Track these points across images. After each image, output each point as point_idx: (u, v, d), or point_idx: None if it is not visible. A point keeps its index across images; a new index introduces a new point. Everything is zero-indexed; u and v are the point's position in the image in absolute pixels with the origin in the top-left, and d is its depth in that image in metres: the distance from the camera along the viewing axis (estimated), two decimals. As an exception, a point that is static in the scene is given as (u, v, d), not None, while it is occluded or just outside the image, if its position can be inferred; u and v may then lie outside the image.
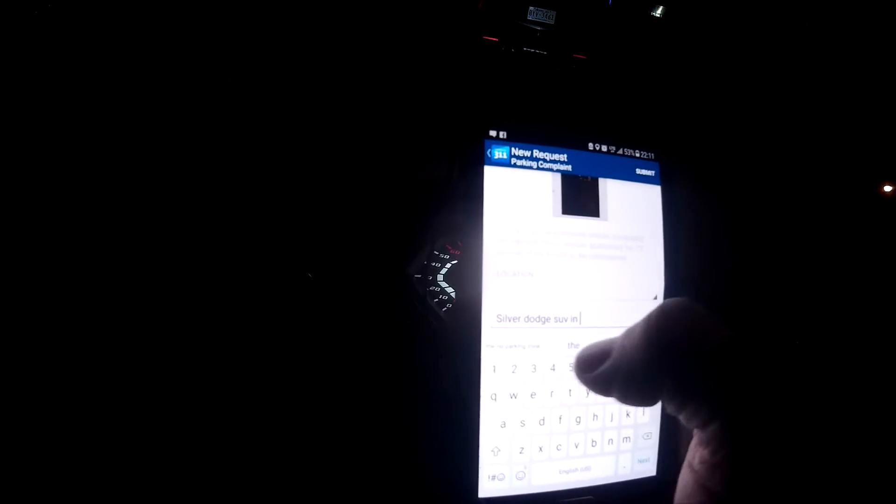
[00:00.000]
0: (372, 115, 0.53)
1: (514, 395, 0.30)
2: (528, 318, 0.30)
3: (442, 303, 0.54)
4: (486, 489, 0.30)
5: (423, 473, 0.33)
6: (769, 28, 0.73)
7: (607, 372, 0.24)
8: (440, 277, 0.56)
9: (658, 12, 0.74)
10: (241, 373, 0.46)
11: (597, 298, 0.31)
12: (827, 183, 0.68)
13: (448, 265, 0.55)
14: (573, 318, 0.31)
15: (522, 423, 0.30)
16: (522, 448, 0.30)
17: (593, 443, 0.32)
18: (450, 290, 0.55)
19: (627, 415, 0.32)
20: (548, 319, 0.31)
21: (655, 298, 0.32)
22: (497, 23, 0.64)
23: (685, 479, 0.24)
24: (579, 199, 0.32)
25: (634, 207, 0.33)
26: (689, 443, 0.28)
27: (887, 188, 0.73)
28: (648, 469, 0.33)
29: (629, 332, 0.24)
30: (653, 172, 0.33)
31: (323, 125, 0.52)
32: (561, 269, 0.31)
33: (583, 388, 0.31)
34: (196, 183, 0.48)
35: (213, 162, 0.48)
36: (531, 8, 0.65)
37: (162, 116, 0.48)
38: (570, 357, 0.31)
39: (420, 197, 0.52)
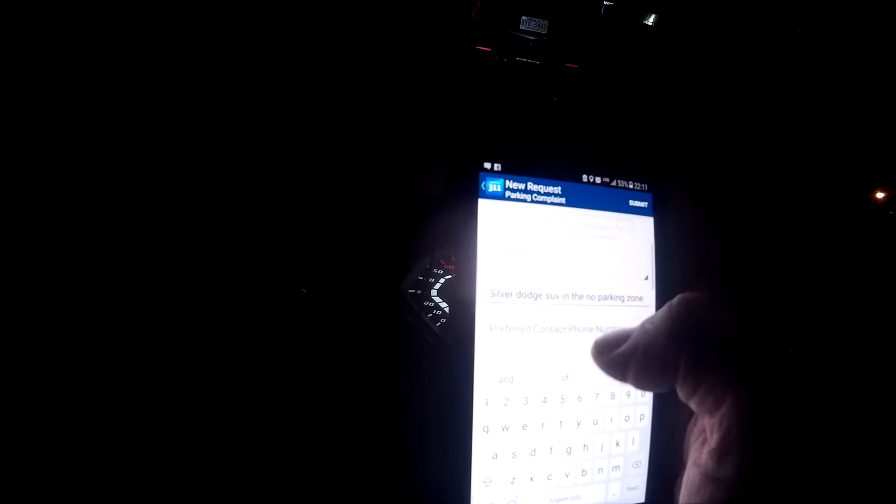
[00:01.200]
0: (366, 129, 0.53)
1: (505, 428, 0.30)
2: (520, 349, 0.30)
3: (436, 318, 0.54)
4: (477, 520, 0.30)
5: (416, 502, 0.33)
6: (761, 36, 0.73)
7: (626, 353, 0.26)
8: (434, 292, 0.56)
9: (650, 21, 0.74)
10: (235, 387, 0.46)
11: (589, 330, 0.32)
12: (819, 190, 0.69)
13: (442, 280, 0.56)
14: (565, 349, 0.31)
15: (514, 455, 0.30)
16: (514, 478, 0.31)
17: (583, 472, 0.32)
18: (444, 305, 0.55)
19: (617, 444, 0.33)
20: (541, 352, 0.31)
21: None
22: (490, 32, 0.64)
23: (691, 477, 0.24)
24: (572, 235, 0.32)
25: (629, 239, 0.33)
26: (679, 468, 0.28)
27: (880, 194, 0.74)
28: (637, 496, 0.33)
29: (649, 319, 0.25)
30: (646, 204, 0.34)
31: (318, 140, 0.52)
32: (554, 317, 0.31)
33: (573, 420, 0.32)
34: (190, 197, 0.47)
35: (208, 176, 0.48)
36: (524, 17, 0.65)
37: (159, 129, 0.47)
38: (562, 388, 0.31)
39: (414, 212, 0.51)
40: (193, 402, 0.44)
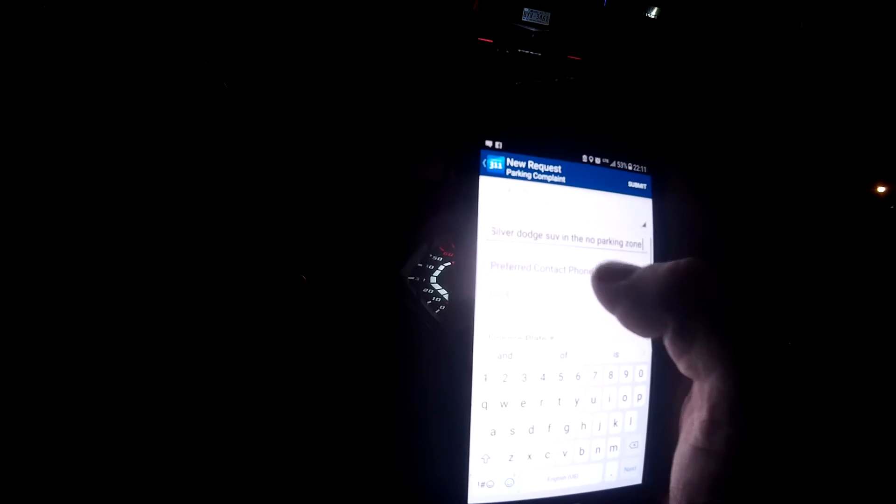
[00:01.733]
0: (366, 116, 0.53)
1: (504, 404, 0.30)
2: (520, 333, 0.31)
3: (435, 305, 0.55)
4: (475, 496, 0.30)
5: (413, 479, 0.33)
6: (763, 30, 0.73)
7: (622, 287, 0.26)
8: (433, 279, 0.56)
9: (653, 13, 0.74)
10: (235, 374, 0.46)
11: (588, 311, 0.32)
12: (820, 184, 0.69)
13: (441, 267, 0.56)
14: (563, 329, 0.31)
15: (512, 432, 0.31)
16: (512, 456, 0.31)
17: (581, 451, 0.32)
18: (443, 292, 0.55)
19: (615, 423, 0.33)
20: (541, 337, 0.31)
21: None
22: (492, 24, 0.64)
23: (682, 452, 0.24)
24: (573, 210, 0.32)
25: (628, 218, 0.33)
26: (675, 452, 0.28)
27: (881, 188, 0.74)
28: (634, 477, 0.34)
29: (654, 266, 0.26)
30: (645, 186, 0.34)
31: (317, 127, 0.52)
32: (553, 284, 0.31)
33: (572, 398, 0.32)
34: (189, 185, 0.48)
35: (206, 165, 0.48)
36: (526, 9, 0.65)
37: (157, 117, 0.47)
38: (560, 365, 0.31)
39: (414, 199, 0.52)
40: (192, 386, 0.44)
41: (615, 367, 0.33)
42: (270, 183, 0.50)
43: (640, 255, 0.33)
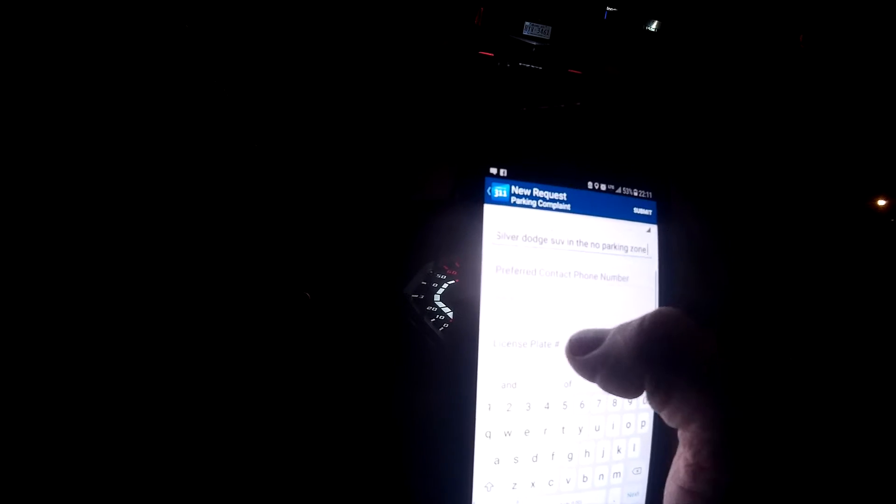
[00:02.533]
0: (371, 135, 0.53)
1: (508, 433, 0.30)
2: (522, 346, 0.31)
3: (439, 322, 0.54)
4: (478, 524, 0.30)
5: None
6: (764, 43, 0.73)
7: (596, 358, 0.26)
8: (437, 297, 0.56)
9: (653, 27, 0.74)
10: (239, 390, 0.46)
11: (592, 323, 0.32)
12: (820, 198, 0.69)
13: (445, 285, 0.56)
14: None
15: (516, 460, 0.31)
16: (515, 484, 0.31)
17: (584, 478, 0.32)
18: (447, 310, 0.55)
19: (618, 451, 0.33)
20: (543, 349, 0.31)
21: None
22: (493, 38, 0.64)
23: (670, 488, 0.24)
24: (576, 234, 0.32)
25: (631, 244, 0.33)
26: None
27: (881, 202, 0.74)
28: (637, 502, 0.33)
29: (623, 327, 0.25)
30: (650, 212, 0.34)
31: (322, 145, 0.52)
32: (559, 296, 0.31)
33: (576, 426, 0.32)
34: (194, 201, 0.48)
35: (212, 179, 0.48)
36: (527, 23, 0.65)
37: (163, 142, 0.47)
38: (564, 394, 0.31)
39: (418, 217, 0.52)
40: (197, 405, 0.44)
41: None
42: (277, 201, 0.50)
43: (646, 259, 0.33)
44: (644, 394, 0.25)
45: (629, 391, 0.25)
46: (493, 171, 0.31)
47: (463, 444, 0.30)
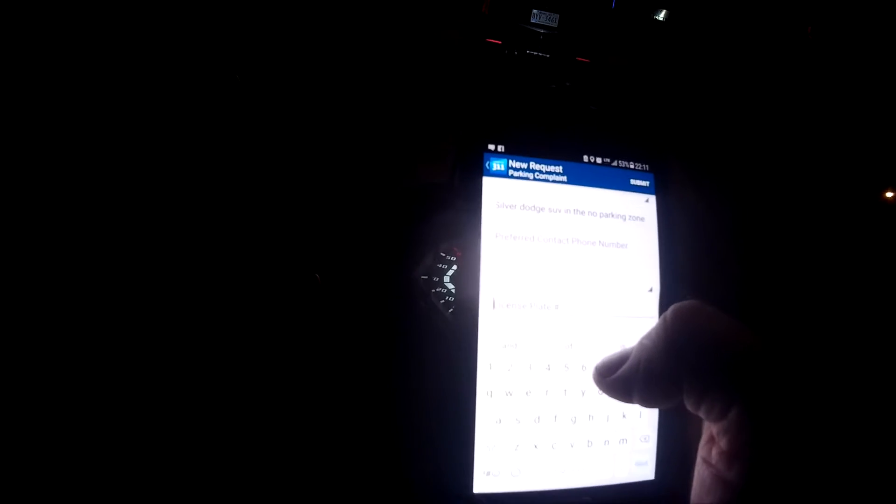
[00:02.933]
0: (380, 117, 0.53)
1: (509, 393, 0.31)
2: (523, 310, 0.31)
3: (448, 304, 0.55)
4: (480, 485, 0.30)
5: (419, 469, 0.33)
6: (772, 33, 0.73)
7: (627, 373, 0.25)
8: (446, 279, 0.56)
9: (661, 16, 0.74)
10: (249, 371, 0.46)
11: (592, 289, 0.32)
12: (827, 188, 0.68)
13: (454, 267, 0.56)
14: (568, 311, 0.31)
15: (518, 421, 0.31)
16: (517, 445, 0.31)
17: (589, 443, 0.32)
18: (455, 291, 0.55)
19: (624, 416, 0.32)
20: (544, 313, 0.31)
21: (651, 290, 0.33)
22: (501, 25, 0.64)
23: (701, 475, 0.24)
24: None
25: (629, 213, 0.33)
26: (692, 445, 0.28)
27: (889, 194, 0.73)
28: (646, 473, 0.33)
29: (646, 335, 0.25)
30: (647, 183, 0.34)
31: (333, 128, 0.53)
32: (558, 262, 0.32)
33: (578, 388, 0.32)
34: (204, 185, 0.49)
35: (221, 163, 0.49)
36: (534, 11, 0.65)
37: (169, 121, 0.48)
38: (566, 356, 0.31)
39: (426, 200, 0.52)
40: (205, 382, 0.45)
41: (622, 358, 0.32)
42: (287, 184, 0.51)
43: (645, 227, 0.33)
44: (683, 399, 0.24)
45: (669, 398, 0.25)
46: (492, 147, 0.32)
47: (465, 403, 0.30)
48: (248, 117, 0.50)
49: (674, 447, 0.32)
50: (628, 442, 0.33)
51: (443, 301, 0.55)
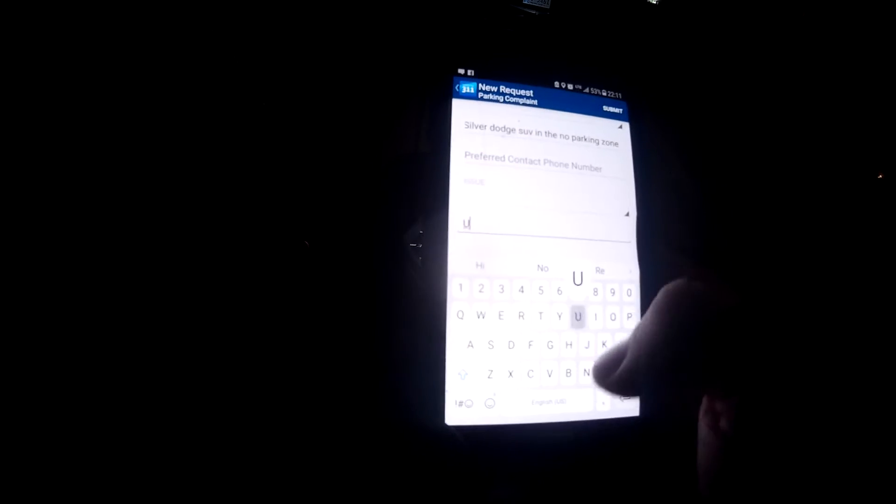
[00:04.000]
0: (361, 82, 0.54)
1: (481, 315, 0.30)
2: (495, 230, 0.30)
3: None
4: (453, 416, 0.29)
5: (390, 401, 0.32)
6: (768, 15, 0.73)
7: (629, 369, 0.24)
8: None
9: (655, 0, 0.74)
10: (237, 338, 0.46)
11: (567, 211, 0.31)
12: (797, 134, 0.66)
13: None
14: (541, 232, 0.31)
15: (490, 345, 0.30)
16: (491, 371, 0.30)
17: (568, 372, 0.31)
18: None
19: (604, 344, 0.31)
20: (516, 234, 0.30)
21: (627, 215, 0.32)
22: (492, 6, 0.65)
23: (709, 443, 0.23)
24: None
25: (602, 137, 0.33)
26: (677, 386, 0.27)
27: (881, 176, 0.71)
28: (631, 409, 0.31)
29: (639, 326, 0.23)
30: (620, 110, 0.34)
31: (315, 93, 0.53)
32: (530, 182, 0.31)
33: (554, 312, 0.30)
34: (190, 149, 0.49)
35: (205, 128, 0.50)
36: (525, -8, 0.66)
37: (156, 91, 0.49)
38: (540, 278, 0.30)
39: (415, 167, 0.52)
40: (193, 353, 0.44)
41: (600, 284, 0.31)
42: (272, 150, 0.51)
43: (618, 152, 0.33)
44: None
45: (676, 386, 0.24)
46: (461, 71, 0.32)
47: (434, 325, 0.29)
48: (227, 83, 0.50)
49: (659, 382, 0.31)
50: (611, 376, 0.32)
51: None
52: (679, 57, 0.57)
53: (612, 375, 0.24)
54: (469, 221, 0.30)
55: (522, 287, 0.30)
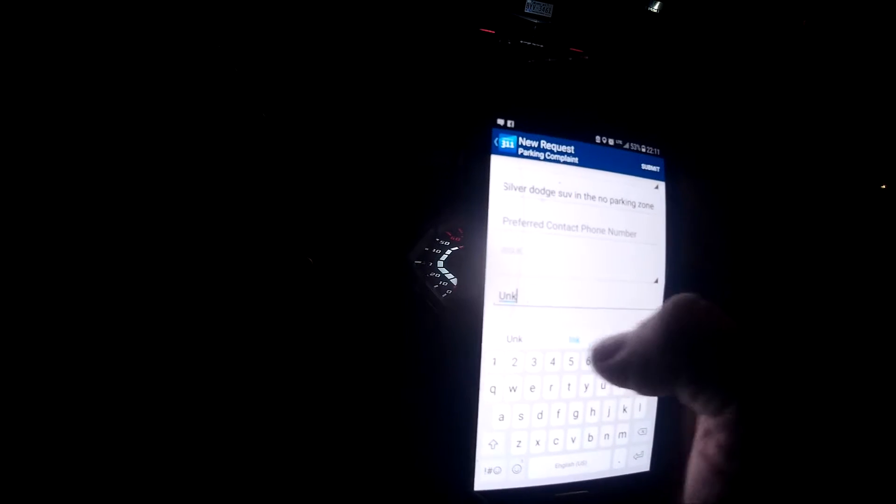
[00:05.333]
0: (375, 100, 0.52)
1: (513, 389, 0.30)
2: (531, 303, 0.30)
3: (442, 289, 0.54)
4: (482, 482, 0.30)
5: (419, 466, 0.32)
6: (767, 24, 0.73)
7: (624, 360, 0.25)
8: (440, 264, 0.55)
9: (655, 7, 0.74)
10: (241, 355, 0.45)
11: (600, 280, 0.31)
12: (823, 181, 0.68)
13: (448, 252, 0.55)
14: (575, 303, 0.31)
15: (521, 417, 0.30)
16: (520, 441, 0.30)
17: (590, 437, 0.31)
18: (450, 276, 0.54)
19: (624, 410, 0.32)
20: (551, 306, 0.30)
21: (657, 282, 0.32)
22: (495, 15, 0.63)
23: (697, 468, 0.24)
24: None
25: (638, 199, 0.33)
26: (686, 437, 0.28)
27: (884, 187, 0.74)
28: (643, 464, 0.33)
29: (644, 323, 0.25)
30: (658, 168, 0.33)
31: (326, 111, 0.51)
32: (567, 251, 0.31)
33: (581, 383, 0.31)
34: (196, 166, 0.47)
35: (214, 144, 0.47)
36: (528, 1, 0.64)
37: (160, 97, 0.46)
38: (570, 351, 0.31)
39: (422, 183, 0.51)
40: (198, 368, 0.43)
41: (625, 352, 0.32)
42: (279, 166, 0.49)
43: (653, 215, 0.33)
44: (678, 390, 0.24)
45: (664, 386, 0.25)
46: (501, 121, 0.31)
47: (467, 399, 0.29)
48: (241, 101, 0.48)
49: (669, 439, 0.32)
50: (627, 435, 0.33)
51: (437, 286, 0.54)
52: (715, 111, 0.57)
53: (606, 361, 0.25)
54: (505, 294, 0.30)
55: (554, 359, 0.30)
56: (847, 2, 0.71)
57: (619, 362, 0.25)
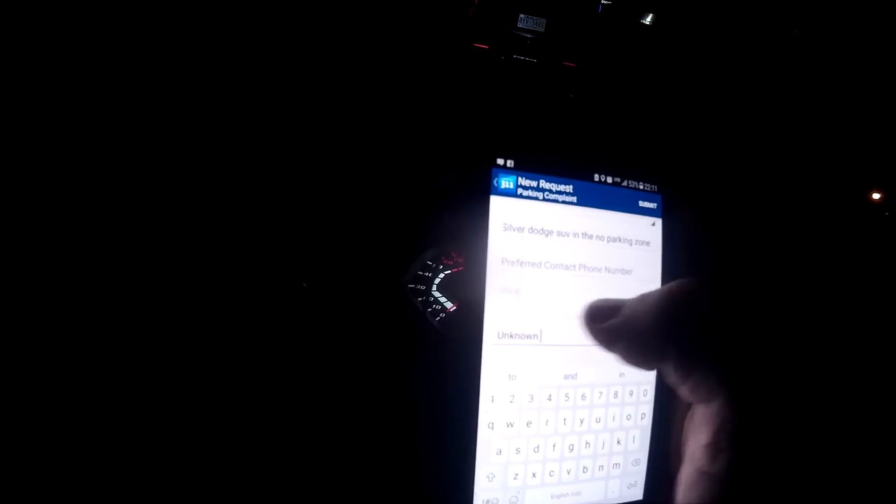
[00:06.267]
0: (369, 124, 0.52)
1: (510, 424, 0.30)
2: (528, 342, 0.31)
3: (436, 312, 0.54)
4: (479, 514, 0.30)
5: (419, 497, 0.33)
6: (758, 36, 0.74)
7: (616, 327, 0.26)
8: (434, 287, 0.56)
9: (648, 20, 0.74)
10: (235, 382, 0.45)
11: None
12: (817, 191, 0.70)
13: (442, 275, 0.56)
14: (571, 341, 0.31)
15: (518, 451, 0.31)
16: (517, 474, 0.31)
17: (584, 469, 0.32)
18: (443, 300, 0.55)
19: (618, 442, 0.33)
20: (548, 344, 0.31)
21: None
22: (487, 30, 0.64)
23: (687, 473, 0.24)
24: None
25: (635, 237, 0.33)
26: (678, 467, 0.29)
27: (876, 195, 0.75)
28: (636, 494, 0.34)
29: (644, 296, 0.25)
30: (655, 205, 0.34)
31: (320, 135, 0.51)
32: (564, 290, 0.31)
33: (577, 418, 0.32)
34: (192, 190, 0.47)
35: (210, 170, 0.47)
36: (521, 16, 0.65)
37: (163, 122, 0.46)
38: (566, 387, 0.31)
39: (415, 207, 0.51)
40: (193, 397, 0.43)
41: (620, 387, 0.33)
42: (274, 190, 0.49)
43: (649, 253, 0.33)
44: (664, 369, 0.25)
45: (650, 362, 0.25)
46: (501, 161, 0.31)
47: (466, 436, 0.30)
48: (237, 124, 0.48)
49: (662, 468, 0.33)
50: (621, 466, 0.33)
51: (430, 310, 0.54)
52: (711, 144, 0.58)
53: (599, 324, 0.27)
54: (503, 333, 0.30)
55: (550, 396, 0.31)
56: (837, 10, 0.72)
57: (611, 326, 0.26)
